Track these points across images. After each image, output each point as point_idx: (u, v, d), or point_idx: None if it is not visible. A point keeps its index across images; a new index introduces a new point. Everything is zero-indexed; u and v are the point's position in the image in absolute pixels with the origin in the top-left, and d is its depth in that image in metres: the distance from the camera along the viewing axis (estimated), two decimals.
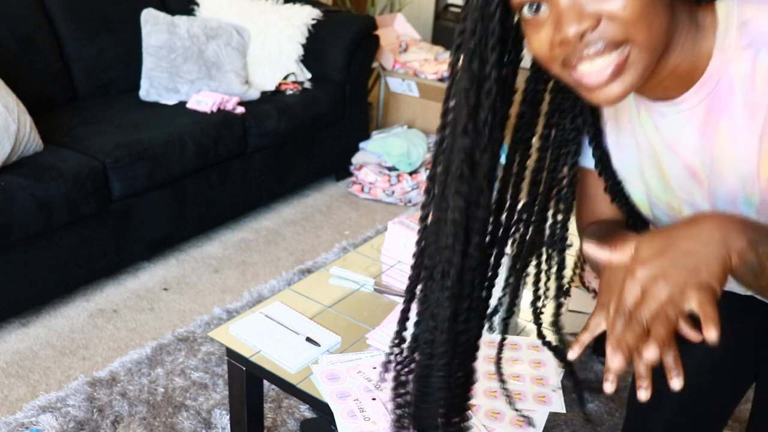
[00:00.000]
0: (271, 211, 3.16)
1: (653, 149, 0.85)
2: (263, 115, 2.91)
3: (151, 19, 2.91)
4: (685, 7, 0.72)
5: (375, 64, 3.62)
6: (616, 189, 0.93)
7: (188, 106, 2.83)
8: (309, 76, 3.27)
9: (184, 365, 2.12)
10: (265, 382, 1.63)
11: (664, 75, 0.75)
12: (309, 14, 3.25)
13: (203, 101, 2.82)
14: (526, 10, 0.70)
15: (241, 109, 2.86)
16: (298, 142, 3.11)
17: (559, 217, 0.91)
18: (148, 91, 2.90)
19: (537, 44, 0.71)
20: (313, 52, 3.23)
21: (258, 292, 2.51)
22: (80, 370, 2.12)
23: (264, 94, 3.07)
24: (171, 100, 2.90)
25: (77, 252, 2.35)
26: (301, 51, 3.21)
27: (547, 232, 0.92)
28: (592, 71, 0.69)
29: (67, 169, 2.26)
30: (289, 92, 3.11)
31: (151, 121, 2.67)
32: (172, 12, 3.07)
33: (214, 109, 2.80)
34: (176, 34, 2.91)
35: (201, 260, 2.74)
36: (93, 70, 2.88)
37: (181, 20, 2.96)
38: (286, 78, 3.20)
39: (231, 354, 1.51)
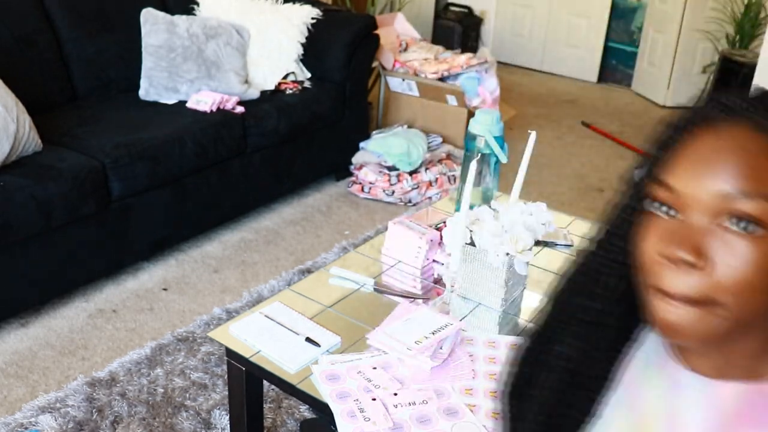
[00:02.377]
0: (271, 211, 3.15)
1: (646, 422, 0.71)
2: (263, 115, 2.90)
3: (150, 19, 2.91)
4: None
5: (375, 64, 3.61)
6: None
7: (188, 105, 2.83)
8: (309, 75, 3.26)
9: (183, 365, 2.11)
10: (265, 383, 1.62)
11: (725, 352, 0.65)
12: (309, 13, 3.24)
13: (203, 101, 2.81)
14: (655, 206, 0.63)
15: (240, 109, 2.86)
16: (297, 141, 3.10)
17: None
18: (147, 91, 2.89)
19: (647, 242, 0.63)
20: (312, 51, 3.22)
21: (258, 292, 2.50)
22: (79, 370, 2.11)
23: (264, 93, 3.06)
24: (170, 100, 2.90)
25: (76, 252, 2.34)
26: (300, 50, 3.21)
27: None
28: (678, 320, 0.61)
29: (67, 168, 2.26)
30: (288, 92, 3.11)
31: (151, 120, 2.66)
32: (172, 11, 3.06)
33: (214, 109, 2.80)
34: (176, 34, 2.90)
35: (201, 260, 2.74)
36: (92, 70, 2.88)
37: (180, 20, 2.95)
38: (285, 77, 3.19)
39: (231, 354, 1.50)
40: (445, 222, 1.74)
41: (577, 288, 0.73)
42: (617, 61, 5.31)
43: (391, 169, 3.28)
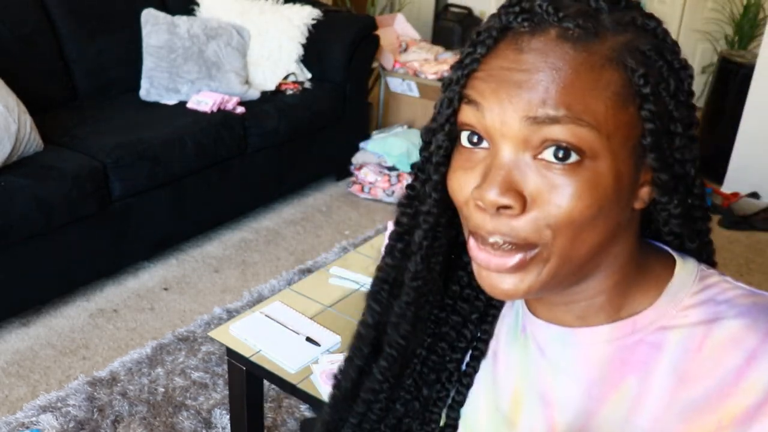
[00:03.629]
0: (271, 211, 3.16)
1: (516, 387, 0.65)
2: (263, 115, 2.91)
3: (151, 19, 2.92)
4: (630, 239, 0.60)
5: (375, 64, 3.62)
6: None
7: (188, 106, 2.84)
8: (309, 76, 3.27)
9: (184, 365, 2.12)
10: (265, 382, 1.63)
11: (578, 298, 0.60)
12: (309, 14, 3.25)
13: (203, 101, 2.82)
14: (465, 136, 0.56)
15: (241, 109, 2.86)
16: (298, 142, 3.11)
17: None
18: (148, 91, 2.90)
19: (458, 183, 0.57)
20: (313, 52, 3.23)
21: (258, 292, 2.51)
22: (80, 369, 2.12)
23: (264, 94, 3.07)
24: (171, 100, 2.90)
25: (77, 252, 2.35)
26: (301, 51, 3.21)
27: None
28: (494, 261, 0.55)
29: (68, 169, 2.26)
30: (289, 92, 3.11)
31: (151, 121, 2.67)
32: (172, 12, 3.07)
33: (215, 109, 2.80)
34: (176, 34, 2.91)
35: (201, 260, 2.74)
36: (93, 70, 2.88)
37: (181, 20, 2.96)
38: (286, 78, 3.20)
39: (231, 354, 1.51)
40: None
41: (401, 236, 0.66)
42: None
43: (391, 169, 3.29)
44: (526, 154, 0.52)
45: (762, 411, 0.53)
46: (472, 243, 0.56)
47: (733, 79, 3.62)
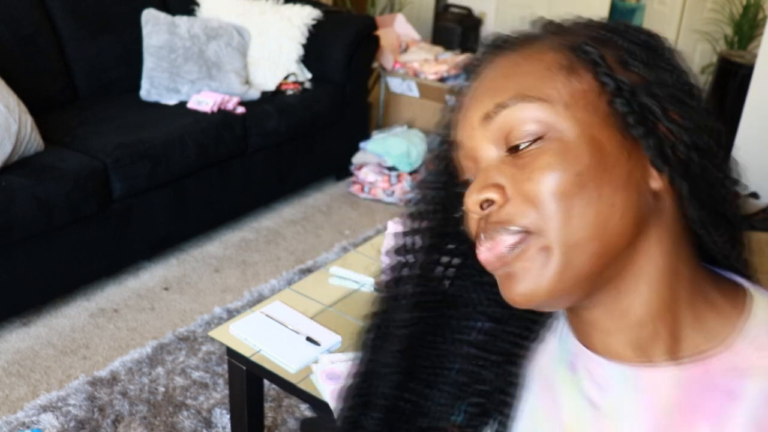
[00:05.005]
0: (272, 210, 3.16)
1: (582, 423, 0.59)
2: (264, 115, 2.91)
3: (151, 19, 2.92)
4: (667, 240, 0.55)
5: (375, 65, 3.62)
6: None
7: (189, 106, 2.84)
8: (309, 76, 3.27)
9: (184, 365, 2.12)
10: (266, 382, 1.63)
11: (627, 320, 0.55)
12: (309, 14, 3.25)
13: (204, 101, 2.82)
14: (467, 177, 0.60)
15: (241, 109, 2.87)
16: (298, 142, 3.11)
17: None
18: (148, 91, 2.90)
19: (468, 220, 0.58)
20: (313, 52, 3.23)
21: (258, 292, 2.51)
22: (81, 369, 2.12)
23: (264, 94, 3.07)
24: (172, 100, 2.90)
25: (78, 251, 2.35)
26: (301, 51, 3.22)
27: None
28: (489, 246, 0.54)
29: (68, 169, 2.27)
30: (289, 92, 3.12)
31: (152, 121, 2.67)
32: (173, 12, 3.07)
33: (215, 109, 2.81)
34: (177, 34, 2.91)
35: (201, 260, 2.75)
36: (94, 70, 2.89)
37: (181, 20, 2.96)
38: (286, 78, 3.20)
39: (231, 353, 1.51)
40: None
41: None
42: None
43: (391, 169, 3.29)
44: (499, 152, 0.55)
45: None
46: (478, 248, 0.56)
47: (732, 80, 3.62)
